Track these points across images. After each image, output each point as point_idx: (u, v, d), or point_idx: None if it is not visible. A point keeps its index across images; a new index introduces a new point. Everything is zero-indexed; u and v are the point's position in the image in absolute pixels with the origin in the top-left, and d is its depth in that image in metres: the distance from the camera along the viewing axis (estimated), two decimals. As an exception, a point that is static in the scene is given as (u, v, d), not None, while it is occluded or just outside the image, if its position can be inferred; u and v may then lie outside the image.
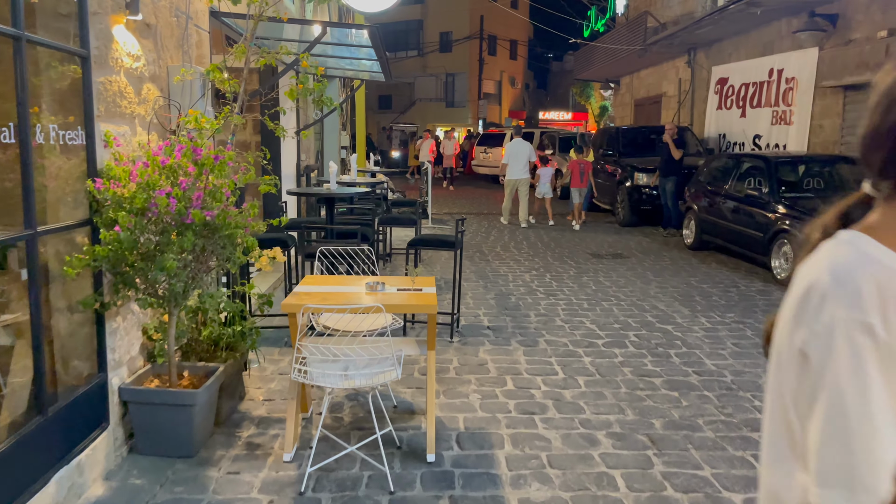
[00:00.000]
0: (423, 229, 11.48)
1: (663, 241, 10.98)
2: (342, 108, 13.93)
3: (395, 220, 6.96)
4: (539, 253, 9.85)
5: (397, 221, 6.96)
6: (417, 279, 3.84)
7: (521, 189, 12.53)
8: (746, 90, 13.24)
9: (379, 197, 8.12)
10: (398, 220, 6.95)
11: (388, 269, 8.32)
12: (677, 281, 8.00)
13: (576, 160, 12.98)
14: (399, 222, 6.94)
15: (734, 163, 9.38)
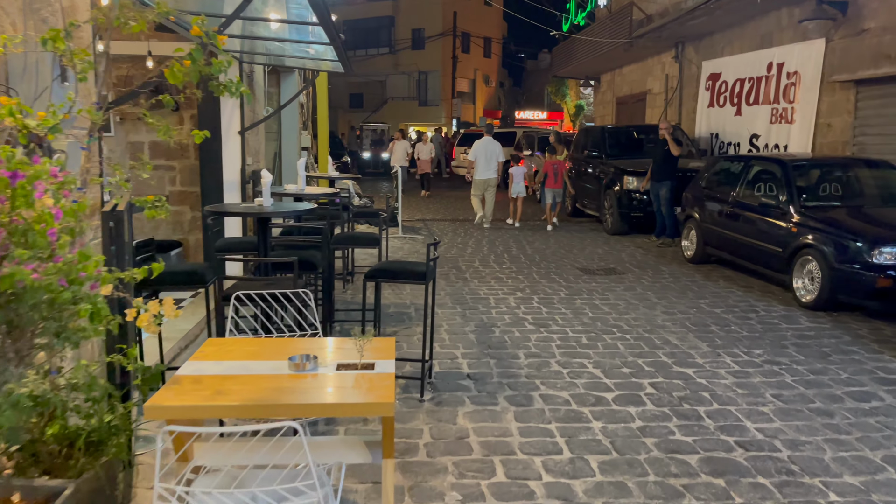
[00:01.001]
0: (392, 240, 10.31)
1: (659, 253, 9.91)
2: (303, 105, 12.67)
3: (352, 240, 5.72)
4: (523, 268, 8.70)
5: (356, 241, 5.72)
6: (371, 345, 2.65)
7: (489, 189, 12.43)
8: (742, 86, 12.25)
9: (338, 208, 6.89)
10: (357, 240, 5.71)
11: (350, 292, 7.10)
12: (685, 304, 6.90)
13: (549, 160, 12.41)
14: (358, 242, 5.70)
15: (742, 166, 8.32)
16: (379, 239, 5.57)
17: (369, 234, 5.74)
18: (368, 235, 5.70)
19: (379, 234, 5.64)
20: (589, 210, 13.26)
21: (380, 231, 5.66)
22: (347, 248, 6.54)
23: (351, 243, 5.73)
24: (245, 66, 7.70)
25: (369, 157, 27.56)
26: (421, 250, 10.00)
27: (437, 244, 4.55)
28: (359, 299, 6.18)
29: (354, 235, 5.77)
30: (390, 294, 7.01)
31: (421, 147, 18.56)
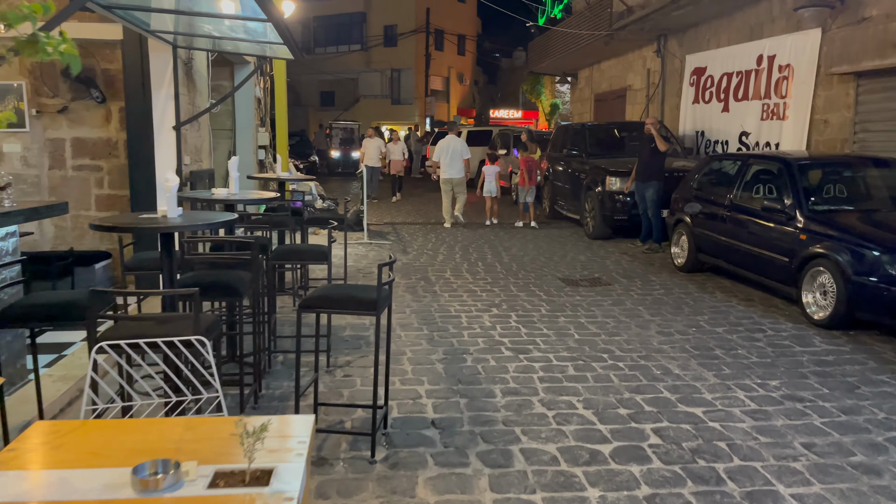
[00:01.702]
0: (356, 246, 9.39)
1: (646, 260, 9.12)
2: (260, 100, 11.70)
3: (294, 255, 4.78)
4: (499, 279, 7.85)
5: (299, 255, 4.77)
6: (274, 433, 1.75)
7: (458, 188, 12.20)
8: (729, 81, 11.55)
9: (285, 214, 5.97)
10: (301, 254, 4.76)
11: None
12: (682, 322, 6.10)
13: (522, 158, 11.94)
14: (302, 256, 4.75)
15: (739, 166, 7.56)
16: (328, 253, 4.66)
17: (316, 248, 4.82)
18: (315, 249, 4.78)
19: (328, 247, 4.72)
20: (568, 212, 12.47)
21: (329, 242, 4.72)
22: (288, 264, 5.61)
23: (292, 258, 4.79)
24: (181, 53, 6.74)
25: (339, 157, 26.56)
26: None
27: (392, 263, 3.66)
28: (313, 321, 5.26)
29: (297, 249, 4.82)
30: (348, 312, 6.12)
31: (392, 147, 17.19)
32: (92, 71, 6.78)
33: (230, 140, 11.36)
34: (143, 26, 5.78)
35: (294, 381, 3.93)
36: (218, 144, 11.33)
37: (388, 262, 3.55)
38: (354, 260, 8.92)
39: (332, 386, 4.46)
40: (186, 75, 6.86)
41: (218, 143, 11.32)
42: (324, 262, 4.61)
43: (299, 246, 4.97)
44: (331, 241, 4.65)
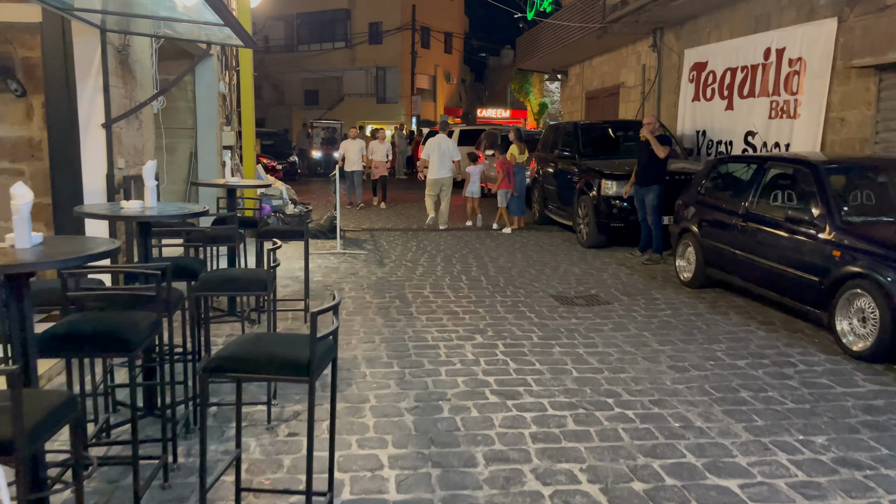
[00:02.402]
0: (327, 257, 8.42)
1: (646, 273, 8.25)
2: (225, 97, 10.75)
3: (226, 283, 3.80)
4: (484, 297, 6.96)
5: (231, 284, 3.78)
6: None
7: (445, 189, 11.80)
8: (733, 77, 10.71)
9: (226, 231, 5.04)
10: (235, 282, 3.78)
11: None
12: (697, 353, 5.23)
13: (502, 159, 11.29)
14: (236, 284, 3.77)
15: (755, 169, 6.69)
16: (268, 281, 3.71)
17: (253, 274, 3.87)
18: (251, 276, 3.84)
19: (271, 272, 3.78)
20: (559, 218, 11.60)
21: (270, 266, 3.76)
22: (217, 296, 4.66)
23: (223, 288, 3.83)
24: (113, 38, 5.79)
25: (320, 157, 25.55)
26: (362, 272, 8.18)
27: (337, 306, 2.76)
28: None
29: (230, 277, 3.86)
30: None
31: (376, 146, 15.18)
32: (9, 59, 5.82)
33: (192, 140, 10.41)
34: (62, 5, 4.84)
35: (234, 439, 3.00)
36: (177, 145, 10.38)
37: (328, 306, 2.63)
38: (324, 273, 7.99)
39: (270, 451, 3.54)
40: (121, 64, 5.91)
41: (177, 143, 10.37)
42: (262, 291, 3.67)
43: (233, 272, 4.01)
44: (273, 265, 3.71)
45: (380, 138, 15.55)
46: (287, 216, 10.70)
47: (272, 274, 3.80)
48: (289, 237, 5.82)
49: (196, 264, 3.95)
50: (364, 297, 6.83)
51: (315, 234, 10.55)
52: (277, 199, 11.11)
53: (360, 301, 6.69)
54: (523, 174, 11.98)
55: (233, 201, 5.59)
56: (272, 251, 3.78)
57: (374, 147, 15.25)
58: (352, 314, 6.19)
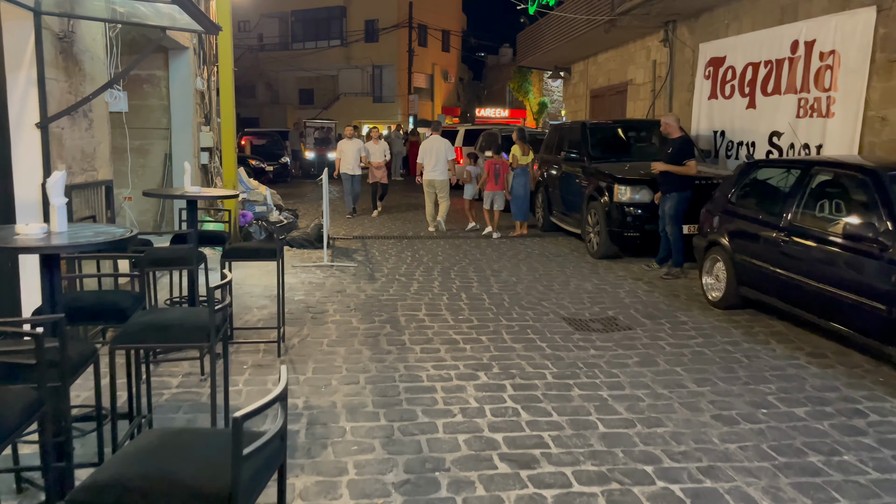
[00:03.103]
0: (313, 271, 7.51)
1: (667, 289, 7.40)
2: (204, 94, 9.89)
3: (153, 333, 2.90)
4: (487, 319, 6.11)
5: (161, 334, 2.88)
6: None
7: (441, 191, 11.48)
8: (755, 72, 9.87)
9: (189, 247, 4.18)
10: (167, 331, 2.87)
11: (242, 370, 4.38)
12: (742, 396, 4.38)
13: (491, 160, 10.70)
14: (168, 334, 2.86)
15: (798, 175, 5.84)
16: (211, 330, 2.83)
17: (192, 321, 2.97)
18: (189, 323, 2.94)
19: (217, 317, 2.90)
20: (566, 225, 10.76)
21: (211, 311, 2.87)
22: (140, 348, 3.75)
23: (148, 340, 2.93)
24: (53, 23, 4.92)
25: (314, 158, 24.67)
26: (350, 289, 7.32)
27: (276, 401, 1.88)
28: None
29: (162, 324, 2.96)
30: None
31: (372, 147, 13.74)
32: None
33: (166, 141, 9.55)
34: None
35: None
36: (150, 147, 9.54)
37: (262, 404, 1.76)
38: (307, 291, 7.13)
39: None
40: (63, 54, 5.05)
41: (150, 145, 9.53)
42: (201, 342, 2.81)
43: (168, 315, 3.10)
44: (213, 310, 2.84)
45: (374, 138, 14.14)
46: (271, 224, 9.84)
47: (220, 316, 2.94)
48: (260, 256, 4.96)
49: (126, 302, 3.09)
50: (350, 322, 5.97)
51: (301, 244, 9.70)
52: (261, 205, 10.25)
53: (345, 327, 5.83)
54: (526, 177, 11.15)
55: (193, 215, 4.73)
56: (219, 288, 2.91)
57: (369, 148, 13.75)
58: (335, 345, 5.32)
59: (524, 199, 11.20)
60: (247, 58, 39.23)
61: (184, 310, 3.22)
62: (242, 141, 22.56)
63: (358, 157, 13.21)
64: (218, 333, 2.88)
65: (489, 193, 10.96)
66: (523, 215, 11.26)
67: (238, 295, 6.74)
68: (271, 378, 4.58)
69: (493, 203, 10.96)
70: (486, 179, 10.95)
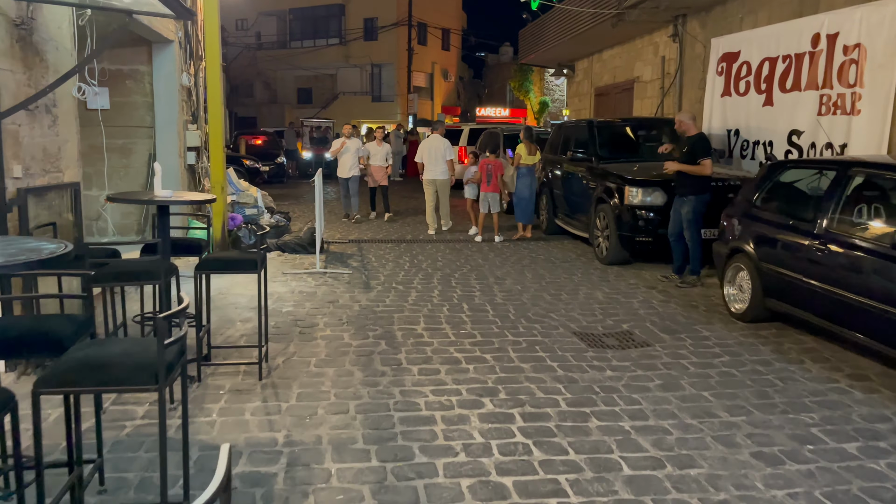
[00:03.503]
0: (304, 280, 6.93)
1: (684, 299, 6.89)
2: (190, 91, 9.36)
3: (87, 372, 2.32)
4: (491, 334, 5.59)
5: (98, 375, 2.31)
6: None
7: (441, 191, 11.11)
8: (773, 68, 9.35)
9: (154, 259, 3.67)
10: (103, 370, 2.29)
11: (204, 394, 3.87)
12: (785, 430, 3.86)
13: (484, 160, 10.22)
14: (104, 376, 2.28)
15: (832, 177, 5.33)
16: (158, 370, 2.30)
17: (135, 360, 2.42)
18: (131, 362, 2.39)
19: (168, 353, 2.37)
20: (571, 228, 10.24)
21: (159, 348, 2.34)
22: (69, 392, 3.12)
23: (83, 383, 2.36)
24: (9, 8, 4.40)
25: (310, 158, 24.13)
26: (343, 299, 6.81)
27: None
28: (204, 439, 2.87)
29: (96, 362, 2.40)
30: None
31: (374, 149, 12.58)
32: None
33: (151, 140, 9.03)
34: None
35: None
36: (134, 146, 9.02)
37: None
38: (296, 301, 6.61)
39: None
40: (20, 43, 4.53)
41: (134, 144, 9.02)
42: (146, 384, 2.28)
43: (110, 351, 2.53)
44: (162, 345, 2.31)
45: (377, 139, 12.81)
46: (261, 228, 9.33)
47: (175, 350, 2.42)
48: (239, 268, 4.44)
49: (66, 329, 2.57)
50: (342, 338, 5.46)
51: (294, 249, 9.19)
52: (251, 207, 9.74)
53: (335, 343, 5.31)
54: (531, 178, 10.68)
55: (164, 221, 4.21)
56: (172, 316, 2.38)
57: (372, 149, 12.60)
58: (323, 365, 4.81)
59: (528, 201, 10.71)
60: (244, 56, 38.77)
61: (132, 342, 2.70)
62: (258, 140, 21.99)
63: (356, 157, 12.30)
64: (171, 372, 2.36)
65: (483, 195, 10.53)
66: (527, 217, 10.77)
67: (221, 307, 6.23)
68: (250, 406, 4.06)
69: (489, 206, 10.45)
70: (480, 180, 10.51)
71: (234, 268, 4.41)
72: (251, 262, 4.30)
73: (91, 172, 8.90)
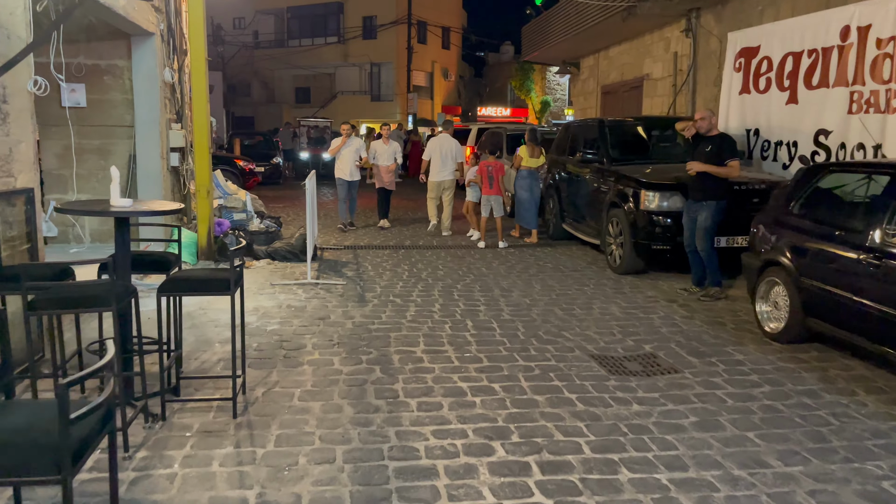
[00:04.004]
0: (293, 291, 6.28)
1: (709, 315, 6.28)
2: (174, 87, 8.76)
3: None
4: (499, 357, 4.99)
5: None
6: None
7: (446, 192, 10.84)
8: (797, 63, 8.74)
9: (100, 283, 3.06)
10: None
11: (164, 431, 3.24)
12: (853, 484, 3.26)
13: (484, 162, 9.68)
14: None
15: (886, 183, 4.72)
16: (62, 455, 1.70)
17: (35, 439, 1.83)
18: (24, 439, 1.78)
19: (70, 446, 1.77)
20: (580, 233, 9.64)
21: (66, 416, 1.74)
22: None
23: None
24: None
25: (308, 159, 23.51)
26: (335, 314, 6.20)
27: None
28: None
29: None
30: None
31: (381, 148, 11.58)
32: None
33: (131, 140, 8.43)
34: None
35: None
36: (113, 147, 8.45)
37: None
38: (283, 318, 6.00)
39: None
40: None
41: (113, 144, 8.45)
42: (50, 474, 1.68)
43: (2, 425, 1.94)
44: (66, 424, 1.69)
45: (384, 136, 11.85)
46: (250, 234, 8.72)
47: (90, 423, 1.81)
48: (208, 289, 3.83)
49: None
50: (331, 363, 4.85)
51: (285, 257, 8.59)
52: (239, 212, 9.13)
53: (324, 370, 4.71)
54: (532, 180, 10.18)
55: (123, 236, 3.61)
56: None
57: (378, 148, 11.63)
58: (309, 397, 4.20)
59: (529, 204, 10.15)
60: (241, 55, 38.21)
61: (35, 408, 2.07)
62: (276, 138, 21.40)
63: (355, 158, 11.27)
64: (85, 452, 1.75)
65: (485, 198, 9.95)
66: (528, 222, 10.24)
67: (199, 325, 5.62)
68: (220, 453, 3.45)
69: (492, 209, 9.88)
70: (481, 183, 9.93)
71: (202, 288, 3.79)
72: (222, 281, 3.69)
73: (66, 175, 8.31)
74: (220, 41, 37.35)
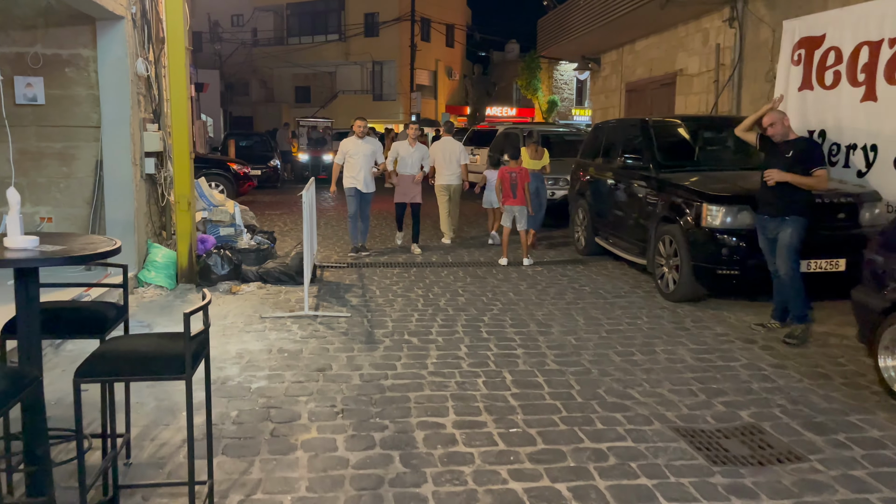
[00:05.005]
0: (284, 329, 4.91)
1: (806, 364, 5.03)
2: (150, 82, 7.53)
3: None
4: (555, 434, 3.75)
5: None
6: None
7: (455, 197, 10.33)
8: (875, 54, 7.48)
9: None
10: None
11: None
12: None
13: (504, 168, 8.87)
14: None
15: None
16: None
17: None
18: None
19: None
20: (619, 250, 8.40)
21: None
22: None
23: None
24: None
25: (307, 161, 22.28)
26: (337, 364, 4.95)
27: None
28: None
29: None
30: None
31: (403, 150, 9.54)
32: None
33: (98, 143, 7.19)
34: None
35: None
36: (77, 151, 7.23)
37: None
38: (272, 370, 4.76)
39: None
40: None
41: (76, 148, 7.23)
42: None
43: None
44: None
45: (410, 137, 9.67)
46: (239, 252, 7.48)
47: None
48: (150, 370, 2.57)
49: None
50: (333, 447, 3.61)
51: (278, 279, 7.37)
52: (227, 226, 7.89)
53: (324, 461, 3.46)
54: (539, 182, 9.45)
55: (27, 290, 2.37)
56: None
57: (402, 151, 9.57)
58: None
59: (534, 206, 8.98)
60: (240, 53, 37.12)
61: None
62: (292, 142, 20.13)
63: (370, 163, 9.09)
64: None
65: (508, 209, 8.73)
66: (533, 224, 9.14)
67: (152, 384, 4.37)
68: None
69: (515, 221, 8.67)
70: (502, 191, 8.72)
71: (142, 370, 2.53)
72: (173, 359, 2.44)
73: (24, 184, 7.10)
74: (218, 39, 36.28)
